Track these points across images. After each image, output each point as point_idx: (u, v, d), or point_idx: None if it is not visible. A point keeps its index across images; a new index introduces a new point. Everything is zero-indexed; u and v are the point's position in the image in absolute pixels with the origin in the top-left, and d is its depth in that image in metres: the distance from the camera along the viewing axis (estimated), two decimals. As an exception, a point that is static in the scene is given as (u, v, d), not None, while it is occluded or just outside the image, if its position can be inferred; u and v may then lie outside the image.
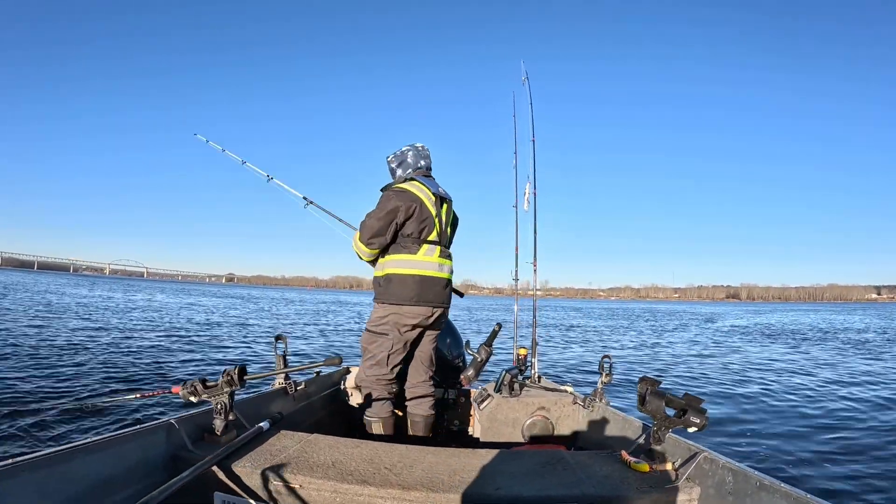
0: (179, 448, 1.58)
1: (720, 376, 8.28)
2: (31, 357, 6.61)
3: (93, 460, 1.31)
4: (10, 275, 71.41)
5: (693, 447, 1.64)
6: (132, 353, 7.74)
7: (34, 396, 4.50)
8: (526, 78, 3.94)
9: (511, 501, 1.41)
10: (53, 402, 4.31)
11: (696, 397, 1.55)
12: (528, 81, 3.92)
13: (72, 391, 4.85)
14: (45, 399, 4.46)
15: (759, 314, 44.96)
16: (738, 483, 1.42)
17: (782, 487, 1.30)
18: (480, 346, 2.75)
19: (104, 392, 4.91)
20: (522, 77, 3.96)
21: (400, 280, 2.44)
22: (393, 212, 2.42)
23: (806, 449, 4.26)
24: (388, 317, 2.46)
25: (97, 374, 5.78)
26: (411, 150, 2.70)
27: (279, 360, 2.42)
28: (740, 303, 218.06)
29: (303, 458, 1.56)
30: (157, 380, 5.82)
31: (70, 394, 4.76)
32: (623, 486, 1.49)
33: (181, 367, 6.95)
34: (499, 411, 2.57)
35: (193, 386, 1.67)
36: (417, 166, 2.66)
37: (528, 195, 3.61)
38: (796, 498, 1.25)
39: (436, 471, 1.53)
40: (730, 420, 5.29)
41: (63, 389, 4.87)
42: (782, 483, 1.32)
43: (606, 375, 2.53)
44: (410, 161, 2.68)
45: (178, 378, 5.96)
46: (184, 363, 7.26)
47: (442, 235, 2.58)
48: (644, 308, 66.49)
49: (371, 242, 2.49)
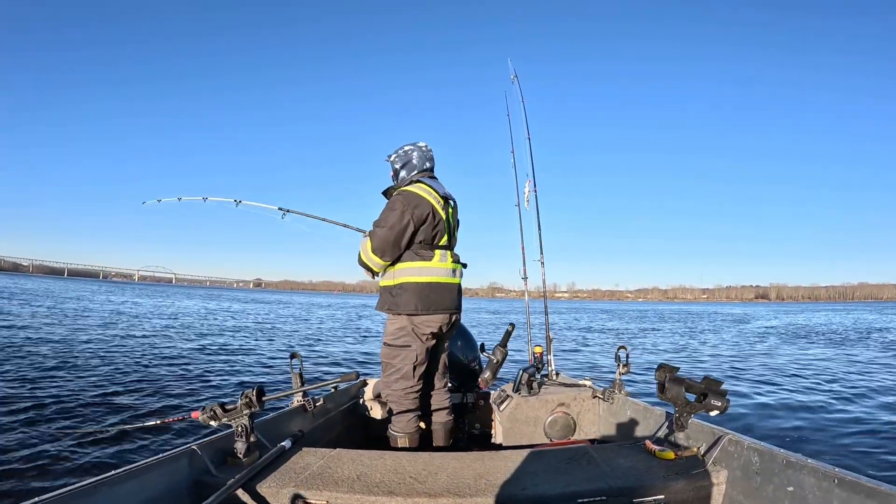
0: (203, 473, 1.58)
1: (776, 381, 7.65)
2: (54, 372, 6.68)
3: (118, 492, 1.31)
4: (40, 282, 71.63)
5: (717, 430, 1.63)
6: (165, 367, 7.78)
7: (54, 419, 4.54)
8: (515, 76, 3.96)
9: (538, 501, 1.41)
10: (74, 427, 4.32)
11: (716, 380, 1.54)
12: (517, 80, 3.94)
13: (94, 414, 4.86)
14: (65, 421, 4.51)
15: (791, 314, 43.91)
16: (764, 463, 1.41)
17: (809, 463, 1.29)
18: (495, 348, 2.74)
19: (126, 414, 4.93)
20: (511, 75, 3.98)
21: (415, 289, 2.34)
22: (406, 220, 2.30)
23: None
24: (407, 326, 2.38)
25: (122, 392, 5.80)
26: (415, 150, 2.57)
27: (296, 377, 2.43)
28: (770, 303, 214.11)
29: (327, 474, 1.56)
30: (186, 396, 5.85)
31: (90, 417, 4.77)
32: (649, 475, 1.48)
33: (220, 380, 7.00)
34: (519, 411, 2.55)
35: (213, 410, 1.67)
36: (423, 168, 2.55)
37: (529, 193, 3.62)
38: (824, 472, 1.24)
39: (461, 476, 1.53)
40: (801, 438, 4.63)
41: (84, 412, 4.88)
42: (809, 459, 1.31)
43: (624, 366, 2.52)
44: (416, 162, 2.54)
45: (212, 396, 6.02)
46: (220, 377, 7.28)
47: (452, 239, 2.53)
48: (674, 309, 64.76)
49: (385, 254, 2.36)
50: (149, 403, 5.41)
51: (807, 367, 9.40)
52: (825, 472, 1.24)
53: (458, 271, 2.52)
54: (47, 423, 4.33)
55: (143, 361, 8.18)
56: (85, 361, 7.71)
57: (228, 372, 7.81)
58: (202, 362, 8.54)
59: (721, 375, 8.15)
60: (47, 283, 67.41)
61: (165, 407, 5.32)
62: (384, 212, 2.39)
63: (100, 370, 7.09)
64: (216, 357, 9.28)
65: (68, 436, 3.97)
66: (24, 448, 3.67)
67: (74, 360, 7.81)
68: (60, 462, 3.48)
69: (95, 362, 7.67)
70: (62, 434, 4.00)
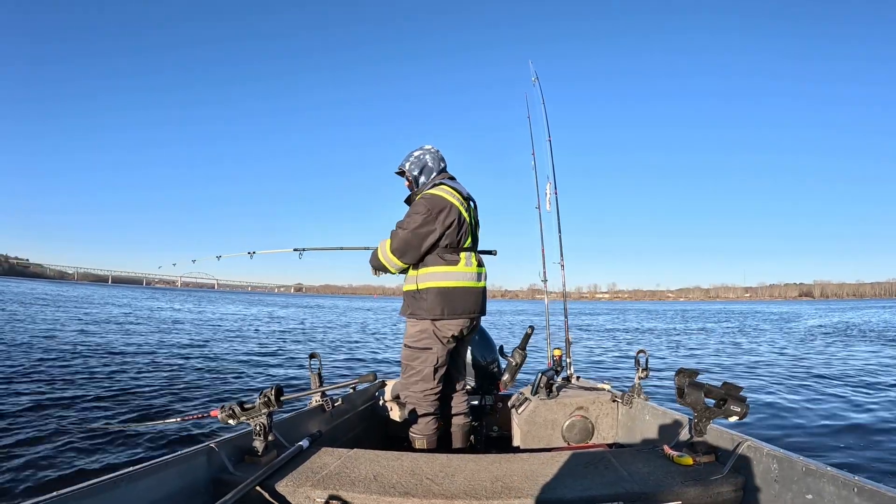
0: (221, 471, 1.61)
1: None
2: (85, 371, 6.94)
3: (136, 488, 1.34)
4: (83, 289, 74.61)
5: (736, 437, 1.59)
6: (199, 368, 8.01)
7: (82, 414, 4.74)
8: (536, 78, 3.94)
9: None
10: (99, 422, 4.49)
11: (736, 385, 1.51)
12: (538, 82, 3.92)
13: (118, 412, 5.03)
14: (92, 416, 4.69)
15: (837, 312, 42.13)
16: (783, 470, 1.38)
17: (829, 471, 1.25)
18: (514, 350, 2.73)
19: (150, 411, 5.09)
20: (532, 77, 3.96)
21: (439, 294, 2.31)
22: (430, 225, 2.29)
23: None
24: (429, 329, 2.37)
25: (148, 391, 5.99)
26: (426, 153, 2.55)
27: (314, 377, 2.45)
28: (814, 301, 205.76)
29: (344, 474, 1.57)
30: (216, 394, 6.02)
31: (116, 413, 4.96)
32: (667, 481, 1.45)
33: (252, 381, 7.17)
34: (537, 414, 2.53)
35: (232, 409, 1.70)
36: (440, 169, 2.53)
37: (550, 195, 3.59)
38: (844, 481, 1.21)
39: (478, 478, 1.53)
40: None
41: (107, 410, 5.07)
42: (829, 467, 1.27)
43: (643, 371, 2.48)
44: (432, 165, 2.52)
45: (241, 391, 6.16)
46: (254, 378, 7.45)
47: (475, 241, 2.52)
48: (715, 309, 62.30)
49: (405, 256, 2.35)
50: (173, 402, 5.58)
51: (867, 369, 8.88)
52: (845, 481, 1.20)
53: (483, 275, 2.50)
54: (70, 421, 4.49)
55: (176, 361, 8.46)
56: (116, 362, 8.00)
57: (263, 374, 7.99)
58: (239, 364, 8.77)
59: (773, 381, 7.67)
60: (90, 289, 70.29)
61: (197, 405, 5.48)
62: (408, 213, 2.38)
63: (128, 371, 7.35)
64: (255, 359, 9.50)
65: (92, 432, 4.11)
66: (49, 444, 3.82)
67: (106, 360, 8.12)
68: (83, 457, 3.62)
69: (124, 363, 7.95)
70: (85, 431, 4.15)
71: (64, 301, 28.80)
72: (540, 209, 3.67)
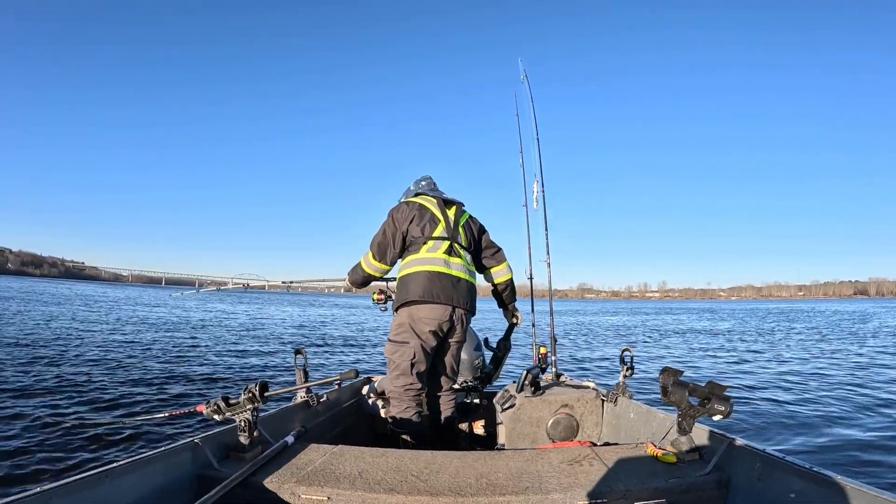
0: (205, 467, 1.59)
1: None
2: (71, 368, 6.86)
3: (119, 484, 1.32)
4: (140, 290, 74.83)
5: (720, 435, 1.62)
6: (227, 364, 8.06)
7: (65, 410, 4.65)
8: (525, 76, 3.95)
9: (539, 502, 1.40)
10: (83, 418, 4.42)
11: (720, 384, 1.53)
12: (527, 80, 3.93)
13: (105, 407, 4.96)
14: (76, 410, 4.62)
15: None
16: (767, 469, 1.40)
17: (813, 470, 1.28)
18: (499, 342, 2.75)
19: (135, 406, 5.05)
20: (521, 76, 3.97)
21: (408, 279, 2.43)
22: (392, 223, 2.51)
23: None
24: (406, 322, 2.41)
25: (144, 387, 5.95)
26: (412, 183, 2.83)
27: (300, 373, 2.43)
28: (871, 299, 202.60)
29: (329, 470, 1.56)
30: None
31: (100, 408, 4.89)
32: (651, 478, 1.47)
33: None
34: (522, 412, 2.55)
35: (216, 404, 1.69)
36: (418, 191, 2.73)
37: (537, 193, 3.61)
38: (826, 480, 1.23)
39: (462, 475, 1.53)
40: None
41: (95, 405, 4.99)
42: (813, 466, 1.30)
43: (628, 369, 2.51)
44: (413, 188, 2.79)
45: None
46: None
47: (451, 232, 2.52)
48: (770, 308, 58.89)
49: (384, 258, 2.54)
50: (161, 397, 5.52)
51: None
52: (828, 480, 1.23)
53: (457, 264, 2.48)
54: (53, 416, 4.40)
55: (172, 359, 8.42)
56: (108, 358, 7.95)
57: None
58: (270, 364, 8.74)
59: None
60: (144, 291, 69.81)
61: (195, 400, 5.45)
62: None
63: (139, 367, 7.32)
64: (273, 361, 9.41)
65: (76, 427, 4.05)
66: (30, 440, 3.74)
67: (96, 356, 8.08)
68: (66, 453, 3.55)
69: (117, 360, 7.85)
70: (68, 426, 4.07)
71: (97, 301, 28.35)
72: (527, 207, 3.70)
